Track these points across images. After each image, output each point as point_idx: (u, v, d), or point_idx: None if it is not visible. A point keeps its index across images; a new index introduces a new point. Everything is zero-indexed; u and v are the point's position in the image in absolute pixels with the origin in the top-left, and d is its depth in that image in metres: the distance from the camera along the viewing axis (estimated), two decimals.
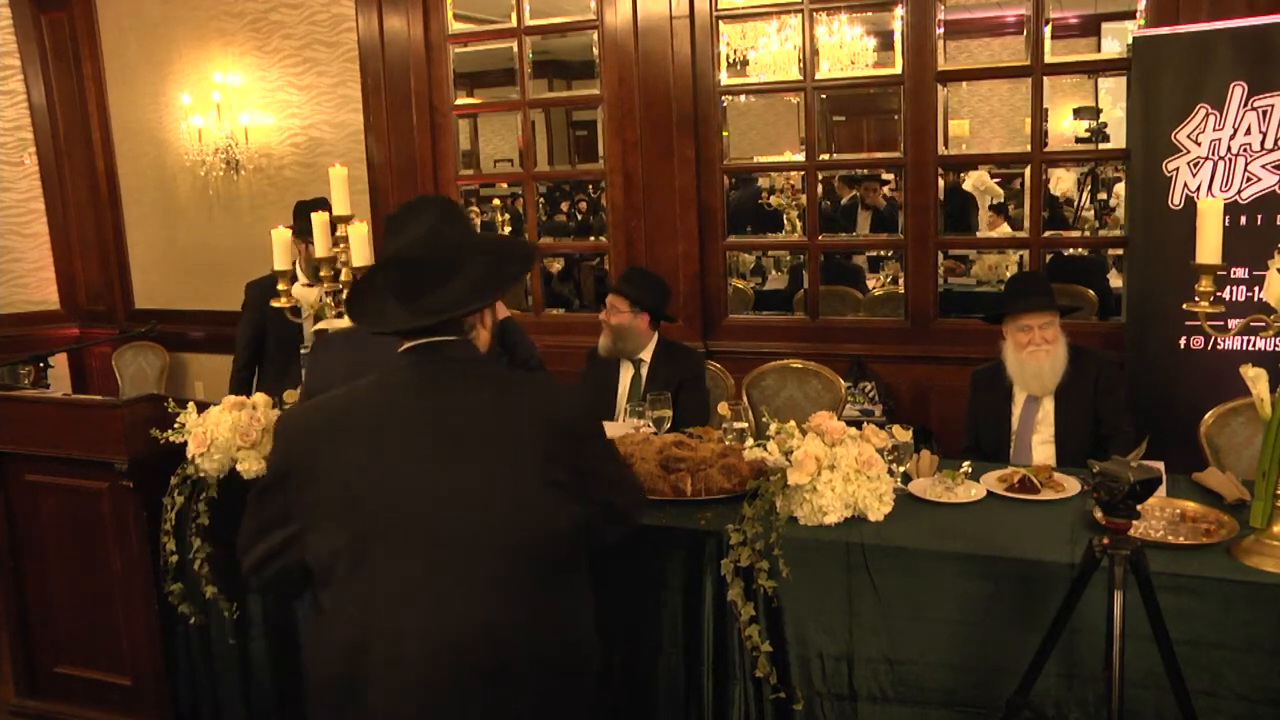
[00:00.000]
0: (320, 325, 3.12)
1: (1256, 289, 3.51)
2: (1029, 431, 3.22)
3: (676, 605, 2.49)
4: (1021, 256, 5.37)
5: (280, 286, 3.07)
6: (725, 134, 4.70)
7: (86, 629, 3.22)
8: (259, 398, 3.02)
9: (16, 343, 5.47)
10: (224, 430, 2.87)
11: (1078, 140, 6.69)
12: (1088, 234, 5.65)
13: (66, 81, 6.06)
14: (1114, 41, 5.56)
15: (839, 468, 2.42)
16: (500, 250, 1.83)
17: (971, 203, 6.25)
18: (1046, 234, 4.47)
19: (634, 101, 4.68)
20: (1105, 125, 6.17)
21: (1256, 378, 2.36)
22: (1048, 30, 4.10)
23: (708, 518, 2.45)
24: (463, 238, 1.74)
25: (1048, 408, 3.20)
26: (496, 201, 7.34)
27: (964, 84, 5.38)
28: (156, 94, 5.88)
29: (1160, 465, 2.34)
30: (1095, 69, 5.10)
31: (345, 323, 2.91)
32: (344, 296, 2.13)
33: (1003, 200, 6.55)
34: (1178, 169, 3.65)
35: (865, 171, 6.25)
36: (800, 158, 4.70)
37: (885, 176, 6.17)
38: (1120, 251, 4.32)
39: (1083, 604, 2.02)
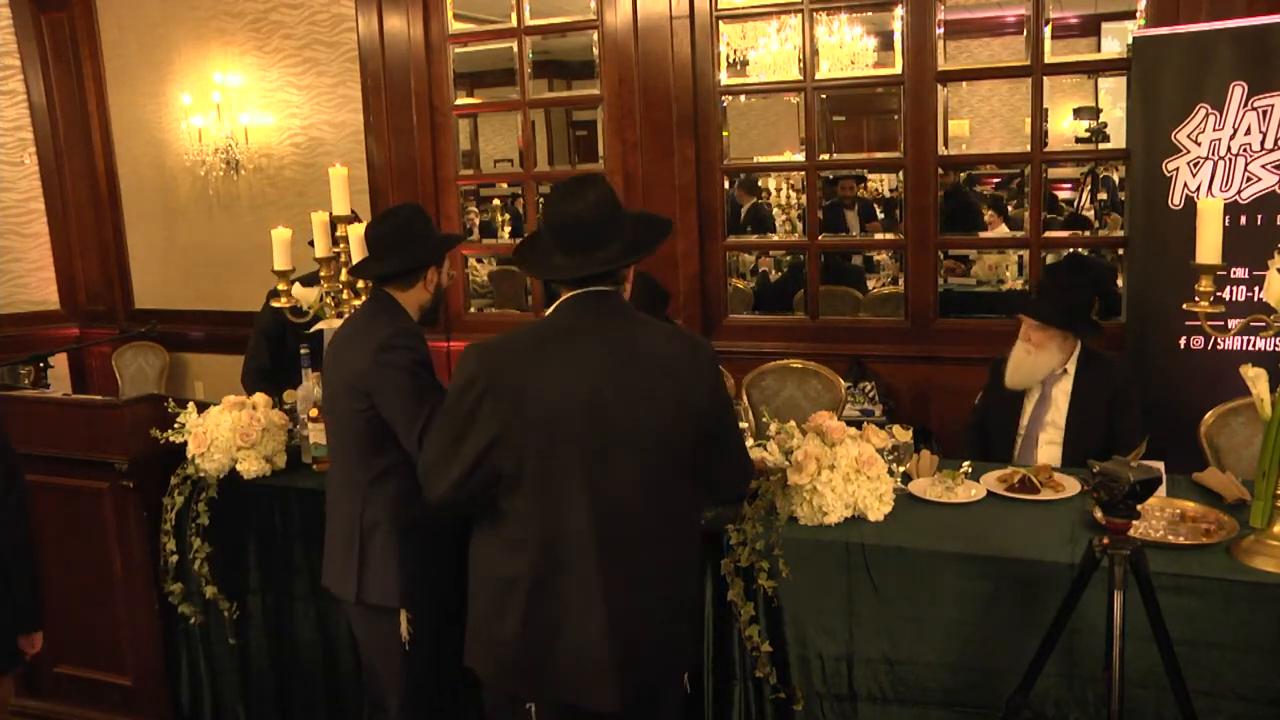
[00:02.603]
0: (320, 326, 3.12)
1: (1256, 289, 3.51)
2: (1038, 429, 3.20)
3: None
4: (1021, 257, 5.38)
5: (280, 286, 3.08)
6: (725, 134, 4.70)
7: (86, 629, 3.22)
8: (259, 398, 3.03)
9: (16, 343, 5.48)
10: (224, 430, 2.88)
11: (1078, 140, 6.68)
12: (1088, 234, 5.64)
13: (66, 81, 6.06)
14: (1114, 41, 5.54)
15: (839, 468, 2.42)
16: (646, 220, 2.14)
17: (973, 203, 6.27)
18: (1046, 234, 4.47)
19: (634, 102, 4.68)
20: (1105, 125, 6.15)
21: (1256, 378, 2.36)
22: (1048, 30, 4.10)
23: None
24: (618, 208, 2.03)
25: (1060, 408, 3.18)
26: (496, 201, 7.31)
27: (964, 84, 5.37)
28: (156, 94, 5.88)
29: (1160, 465, 2.34)
30: (1095, 69, 5.09)
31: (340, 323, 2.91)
32: (520, 251, 2.27)
33: None
34: (1178, 169, 3.65)
35: (843, 173, 6.31)
36: (800, 158, 4.70)
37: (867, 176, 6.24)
38: (1120, 251, 4.32)
39: (1083, 604, 2.02)
